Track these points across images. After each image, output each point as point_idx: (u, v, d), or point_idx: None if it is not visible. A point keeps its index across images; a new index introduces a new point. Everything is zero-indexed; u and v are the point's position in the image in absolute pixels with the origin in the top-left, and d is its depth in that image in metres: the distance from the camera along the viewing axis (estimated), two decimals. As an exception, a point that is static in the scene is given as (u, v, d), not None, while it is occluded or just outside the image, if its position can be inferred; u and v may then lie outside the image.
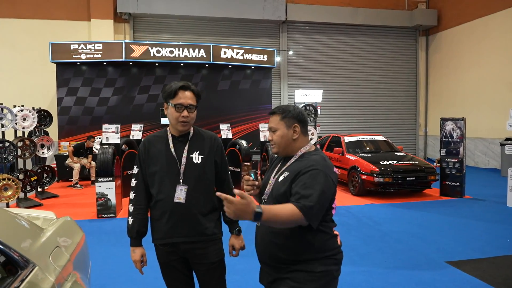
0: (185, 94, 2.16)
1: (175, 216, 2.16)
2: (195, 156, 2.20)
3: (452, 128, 8.44)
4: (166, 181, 2.16)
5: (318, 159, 1.87)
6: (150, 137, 2.31)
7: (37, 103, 10.55)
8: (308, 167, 1.80)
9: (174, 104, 2.15)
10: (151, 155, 2.22)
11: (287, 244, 1.85)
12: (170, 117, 2.20)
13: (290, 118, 1.93)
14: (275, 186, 1.92)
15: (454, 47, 14.73)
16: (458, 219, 6.55)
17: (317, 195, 1.72)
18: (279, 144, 1.95)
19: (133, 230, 2.21)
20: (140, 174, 2.25)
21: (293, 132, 1.93)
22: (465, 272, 4.24)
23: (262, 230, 1.96)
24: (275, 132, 1.96)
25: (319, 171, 1.79)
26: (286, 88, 14.80)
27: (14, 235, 1.88)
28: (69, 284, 1.99)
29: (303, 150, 1.94)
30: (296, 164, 1.89)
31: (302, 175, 1.79)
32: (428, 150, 16.31)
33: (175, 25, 14.08)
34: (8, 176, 7.01)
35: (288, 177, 1.85)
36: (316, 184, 1.75)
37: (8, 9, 12.75)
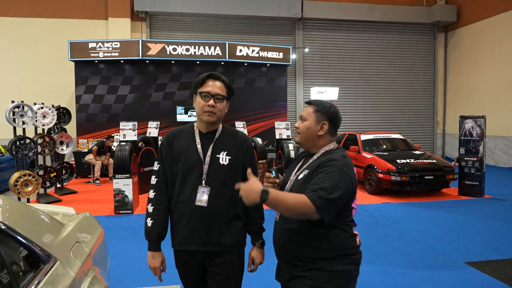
0: (214, 83, 2.02)
1: (195, 220, 1.99)
2: (222, 157, 2.03)
3: (472, 126, 8.27)
4: (188, 181, 2.01)
5: (337, 157, 1.83)
6: (174, 131, 2.13)
7: (56, 100, 10.74)
8: (326, 163, 1.79)
9: (200, 92, 2.01)
10: (174, 151, 2.05)
11: (304, 241, 1.83)
12: (196, 108, 2.06)
13: (322, 114, 1.91)
14: (295, 183, 1.89)
15: (474, 44, 14.41)
16: (477, 219, 6.42)
17: (331, 189, 1.68)
18: (303, 134, 1.93)
19: (152, 232, 2.02)
20: (161, 171, 2.08)
21: (320, 128, 1.91)
22: (485, 273, 4.16)
23: (280, 226, 1.94)
24: (303, 121, 1.94)
25: (337, 167, 1.76)
26: (302, 86, 14.73)
27: (37, 230, 1.92)
28: (89, 278, 2.02)
29: (326, 148, 1.92)
30: (317, 162, 1.86)
31: (320, 169, 1.78)
32: (447, 149, 16.02)
33: (191, 23, 14.15)
34: (29, 172, 7.16)
35: (308, 174, 1.83)
36: (331, 179, 1.72)
37: (29, 9, 13.01)
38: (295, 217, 1.78)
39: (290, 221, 1.87)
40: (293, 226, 1.85)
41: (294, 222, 1.84)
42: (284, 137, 8.07)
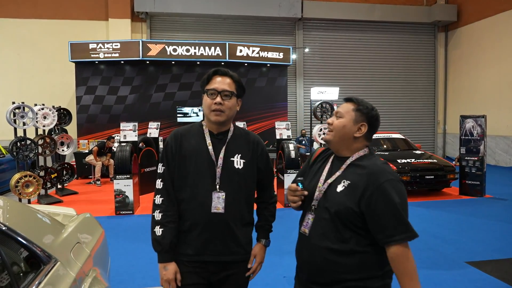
0: (221, 79, 1.87)
1: (210, 229, 1.83)
2: (237, 160, 1.89)
3: (472, 125, 8.26)
4: (200, 185, 1.84)
5: (378, 165, 1.65)
6: (181, 130, 1.95)
7: (57, 101, 10.75)
8: (377, 181, 1.58)
9: (206, 90, 1.86)
10: (183, 152, 1.87)
11: (347, 261, 1.63)
12: (203, 107, 1.91)
13: (362, 114, 1.71)
14: (331, 194, 1.67)
15: (475, 43, 14.40)
16: (478, 219, 6.41)
17: (404, 213, 1.56)
18: (337, 132, 1.71)
19: (164, 241, 1.81)
20: (167, 174, 1.88)
21: (357, 129, 1.71)
22: (486, 273, 4.16)
23: (311, 243, 1.70)
24: (339, 118, 1.73)
25: (385, 183, 1.58)
26: (302, 86, 14.73)
27: (37, 231, 1.92)
28: (89, 279, 2.02)
29: (360, 153, 1.71)
30: (356, 173, 1.65)
31: (376, 194, 1.57)
32: (447, 148, 16.02)
33: (191, 23, 14.16)
34: (30, 173, 7.17)
35: (351, 189, 1.62)
36: (395, 200, 1.55)
37: (29, 10, 13.03)
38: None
39: (327, 237, 1.65)
40: (335, 246, 1.63)
41: (332, 239, 1.64)
42: (284, 137, 8.05)
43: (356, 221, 1.61)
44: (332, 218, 1.64)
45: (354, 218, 1.60)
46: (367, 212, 1.57)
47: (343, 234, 1.62)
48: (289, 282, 3.97)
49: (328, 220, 1.65)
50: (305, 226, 1.74)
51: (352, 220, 1.61)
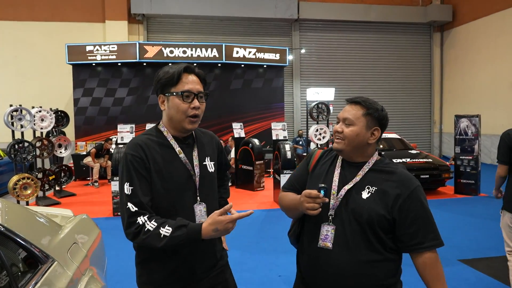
0: (191, 78, 1.62)
1: (198, 247, 1.63)
2: (208, 164, 1.73)
3: (467, 125, 8.34)
4: (182, 201, 1.62)
5: (405, 171, 1.62)
6: (144, 139, 1.62)
7: (54, 104, 10.80)
8: (409, 188, 1.55)
9: (180, 92, 1.58)
10: (156, 165, 1.58)
11: (378, 272, 1.57)
12: (173, 112, 1.61)
13: (374, 119, 1.60)
14: (357, 202, 1.58)
15: (470, 43, 14.50)
16: (472, 217, 6.49)
17: (434, 221, 1.58)
18: (350, 141, 1.59)
19: (179, 223, 1.49)
20: (141, 191, 1.53)
21: (370, 135, 1.60)
22: (478, 270, 4.23)
23: (341, 259, 1.57)
24: (349, 125, 1.60)
25: (416, 189, 1.56)
26: (299, 86, 14.80)
27: (35, 232, 1.97)
28: (86, 278, 2.08)
29: (375, 157, 1.64)
30: (382, 178, 1.59)
31: (407, 202, 1.54)
32: (444, 148, 16.11)
33: (188, 25, 14.22)
34: (28, 175, 7.21)
35: (380, 195, 1.56)
36: (426, 207, 1.56)
37: (26, 12, 13.07)
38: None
39: (359, 249, 1.56)
40: (365, 256, 1.55)
41: (364, 250, 1.56)
42: (280, 137, 8.13)
43: (387, 229, 1.56)
44: (363, 227, 1.55)
45: (385, 226, 1.55)
46: (400, 219, 1.53)
47: (374, 243, 1.56)
48: (284, 281, 4.02)
49: (357, 230, 1.56)
50: (324, 240, 1.59)
51: (383, 228, 1.55)
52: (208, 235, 1.46)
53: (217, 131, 11.83)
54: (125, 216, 1.51)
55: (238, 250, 4.89)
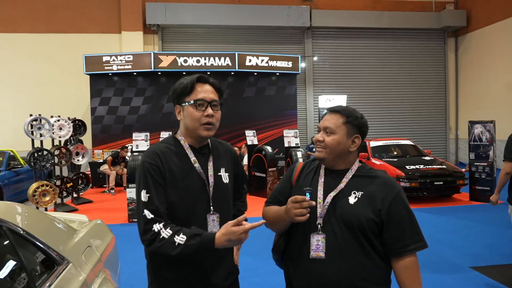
0: (205, 87, 1.68)
1: (211, 257, 1.65)
2: (223, 175, 1.75)
3: (481, 131, 8.26)
4: (195, 210, 1.64)
5: (387, 175, 1.65)
6: (161, 148, 1.67)
7: (72, 113, 11.09)
8: (393, 191, 1.59)
9: (194, 101, 1.64)
10: (172, 173, 1.62)
11: (373, 277, 1.58)
12: (187, 121, 1.66)
13: (354, 126, 1.63)
14: (345, 208, 1.57)
15: (485, 48, 14.34)
16: (487, 225, 6.40)
17: (417, 223, 1.61)
18: (332, 150, 1.61)
19: (194, 232, 1.52)
20: (157, 198, 1.57)
21: (351, 143, 1.63)
22: (489, 277, 4.19)
23: (336, 268, 1.55)
24: (331, 134, 1.61)
25: (400, 191, 1.60)
26: (312, 94, 14.85)
27: (51, 235, 2.09)
28: (99, 280, 2.18)
29: (357, 164, 1.67)
30: (367, 184, 1.61)
31: (393, 204, 1.56)
32: (460, 154, 15.88)
33: (202, 34, 14.47)
34: (46, 182, 7.44)
35: (367, 199, 1.57)
36: (410, 209, 1.60)
37: (46, 25, 13.51)
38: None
39: (353, 255, 1.55)
40: (360, 261, 1.55)
41: (359, 256, 1.56)
42: (292, 145, 8.19)
43: (376, 233, 1.57)
44: (354, 233, 1.54)
45: (375, 229, 1.56)
46: (387, 221, 1.55)
47: (368, 248, 1.56)
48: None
49: (349, 236, 1.55)
50: (316, 250, 1.56)
51: (373, 231, 1.56)
52: (221, 245, 1.49)
53: (231, 138, 11.95)
54: (141, 223, 1.54)
55: (249, 256, 4.95)
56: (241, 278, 2.00)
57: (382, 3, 15.09)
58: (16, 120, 11.60)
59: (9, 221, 1.78)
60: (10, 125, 12.67)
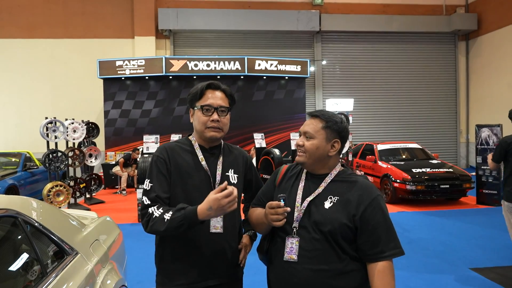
0: (214, 93, 1.80)
1: (211, 251, 1.75)
2: (231, 175, 1.85)
3: (488, 135, 8.28)
4: (198, 204, 1.67)
5: (366, 181, 1.65)
6: (171, 145, 1.84)
7: (86, 116, 11.43)
8: (370, 196, 1.57)
9: (201, 106, 1.78)
10: (178, 167, 1.76)
11: (348, 282, 1.57)
12: (196, 123, 1.82)
13: (333, 131, 1.63)
14: (320, 212, 1.58)
15: (496, 51, 14.26)
16: (491, 228, 6.42)
17: (394, 230, 1.58)
18: (311, 155, 1.62)
19: (178, 207, 1.64)
20: (159, 188, 1.72)
21: (330, 147, 1.64)
22: (488, 279, 4.26)
23: (306, 271, 1.57)
24: (310, 138, 1.63)
25: (378, 197, 1.58)
26: (321, 97, 14.94)
27: (62, 227, 2.27)
28: (105, 270, 2.36)
29: (337, 168, 1.67)
30: (344, 189, 1.61)
31: (368, 210, 1.55)
32: (471, 158, 15.75)
33: (213, 39, 14.72)
34: (60, 183, 7.72)
35: (342, 204, 1.57)
36: (387, 215, 1.58)
37: (62, 31, 13.93)
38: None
39: (323, 259, 1.56)
40: (331, 266, 1.56)
41: (329, 260, 1.56)
42: (299, 147, 8.33)
43: (350, 238, 1.56)
44: (325, 238, 1.55)
45: (348, 235, 1.56)
46: (361, 227, 1.54)
47: (339, 253, 1.56)
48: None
49: (320, 240, 1.56)
50: (290, 253, 1.59)
51: (346, 236, 1.56)
52: (204, 215, 1.57)
53: (240, 141, 12.14)
54: (141, 209, 1.74)
55: (254, 254, 5.10)
56: (245, 275, 2.09)
57: (392, 7, 15.12)
58: (33, 123, 12.00)
59: (25, 214, 1.97)
60: (27, 127, 13.09)
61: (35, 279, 1.78)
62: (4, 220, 1.87)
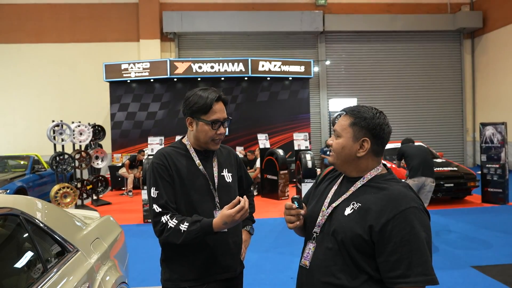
0: (220, 107, 1.86)
1: (216, 248, 1.84)
2: (226, 174, 1.95)
3: (493, 133, 8.24)
4: (201, 207, 1.83)
5: (401, 189, 1.39)
6: (168, 150, 1.90)
7: (93, 118, 11.58)
8: (397, 207, 1.32)
9: (210, 121, 1.82)
10: (179, 172, 1.84)
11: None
12: (200, 135, 1.86)
13: (361, 128, 1.44)
14: (338, 219, 1.43)
15: (502, 49, 14.16)
16: (495, 226, 6.41)
17: (426, 252, 1.30)
18: (338, 155, 1.48)
19: (195, 219, 1.73)
20: (166, 194, 1.79)
21: (359, 147, 1.45)
22: (490, 276, 4.27)
23: (312, 276, 1.47)
24: (338, 138, 1.49)
25: (408, 210, 1.32)
26: (326, 98, 14.95)
27: (63, 225, 2.34)
28: (105, 267, 2.44)
29: (374, 172, 1.47)
30: (370, 195, 1.41)
31: (391, 223, 1.31)
32: (477, 156, 15.64)
33: (217, 41, 14.82)
34: (67, 185, 7.85)
35: (362, 213, 1.38)
36: (418, 233, 1.29)
37: (69, 35, 14.15)
38: None
39: (331, 271, 1.40)
40: (338, 280, 1.39)
41: (338, 273, 1.39)
42: (302, 147, 8.36)
43: (368, 253, 1.36)
44: (339, 248, 1.39)
45: (364, 248, 1.35)
46: (381, 242, 1.32)
47: (352, 268, 1.37)
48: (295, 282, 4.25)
49: (333, 250, 1.41)
50: (305, 258, 1.50)
51: (362, 250, 1.36)
52: (220, 228, 1.69)
53: (245, 142, 12.20)
54: (152, 217, 1.79)
55: (257, 253, 5.16)
56: (245, 273, 2.17)
57: (396, 6, 15.10)
58: (41, 126, 12.17)
59: (28, 213, 2.05)
60: (35, 130, 13.29)
61: (36, 274, 1.86)
62: (8, 218, 1.96)
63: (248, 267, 2.11)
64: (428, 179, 5.89)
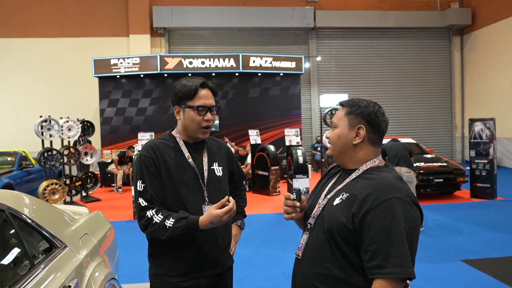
0: (206, 93, 1.82)
1: (204, 243, 1.80)
2: (216, 168, 1.90)
3: (481, 129, 8.33)
4: (189, 200, 1.79)
5: (389, 179, 1.37)
6: (156, 142, 1.85)
7: (82, 114, 11.43)
8: (381, 196, 1.30)
9: (196, 107, 1.78)
10: (167, 165, 1.79)
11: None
12: (188, 123, 1.82)
13: (356, 116, 1.45)
14: (327, 209, 1.43)
15: (491, 46, 14.31)
16: (484, 221, 6.49)
17: (405, 244, 1.27)
18: (334, 145, 1.48)
19: (181, 215, 1.70)
20: (151, 188, 1.75)
21: (355, 135, 1.44)
22: (479, 270, 4.32)
23: (303, 267, 1.47)
24: (334, 129, 1.50)
25: (391, 200, 1.29)
26: (317, 94, 14.97)
27: (51, 221, 2.30)
28: (94, 263, 2.40)
29: (370, 164, 1.45)
30: (358, 184, 1.39)
31: (372, 212, 1.29)
32: (466, 152, 15.82)
33: (208, 36, 14.72)
34: (56, 181, 7.74)
35: (348, 202, 1.37)
36: (396, 223, 1.27)
37: (57, 30, 13.91)
38: None
39: (319, 261, 1.41)
40: (324, 270, 1.39)
41: (325, 263, 1.39)
42: (294, 143, 8.36)
43: (353, 243, 1.34)
44: (326, 238, 1.39)
45: (349, 238, 1.34)
46: (361, 231, 1.30)
47: (340, 259, 1.36)
48: (287, 277, 4.25)
49: (322, 239, 1.41)
50: (299, 249, 1.51)
51: (347, 240, 1.35)
52: (205, 226, 1.67)
53: (236, 138, 12.15)
54: (137, 210, 1.76)
55: (247, 248, 5.15)
56: (236, 269, 2.15)
57: (386, 2, 15.15)
58: (29, 122, 11.98)
59: (14, 208, 2.00)
60: (22, 126, 13.08)
61: (23, 271, 1.82)
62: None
63: (239, 263, 2.08)
64: (403, 168, 6.04)
